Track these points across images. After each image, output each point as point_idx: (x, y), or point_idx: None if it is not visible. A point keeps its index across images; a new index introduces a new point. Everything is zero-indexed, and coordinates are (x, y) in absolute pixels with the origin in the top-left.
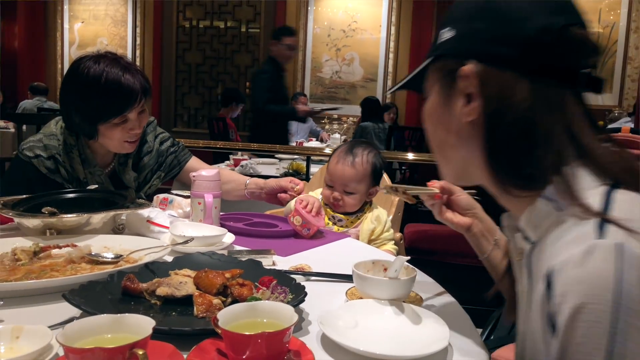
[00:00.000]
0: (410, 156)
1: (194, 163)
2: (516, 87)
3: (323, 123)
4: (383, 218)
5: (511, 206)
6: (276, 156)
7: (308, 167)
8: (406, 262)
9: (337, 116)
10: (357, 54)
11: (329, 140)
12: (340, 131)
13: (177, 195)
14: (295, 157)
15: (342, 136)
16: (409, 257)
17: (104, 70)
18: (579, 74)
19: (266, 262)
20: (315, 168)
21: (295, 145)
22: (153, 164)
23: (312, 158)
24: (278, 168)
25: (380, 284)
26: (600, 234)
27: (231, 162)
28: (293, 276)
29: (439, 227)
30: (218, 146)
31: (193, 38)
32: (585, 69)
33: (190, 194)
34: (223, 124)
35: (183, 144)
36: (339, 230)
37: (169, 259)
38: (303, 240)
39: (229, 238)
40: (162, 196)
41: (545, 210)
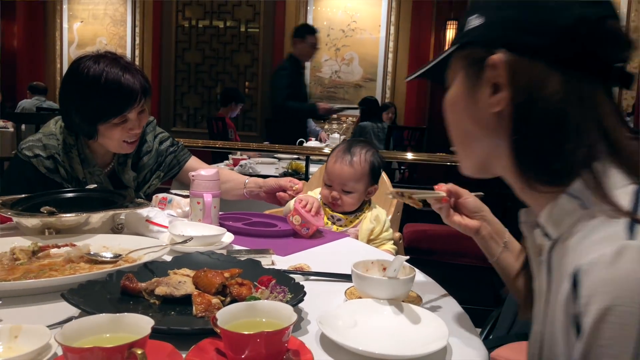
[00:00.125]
0: (409, 156)
1: (193, 163)
2: (548, 79)
3: (322, 123)
4: (382, 218)
5: (531, 201)
6: (275, 156)
7: (307, 167)
8: (405, 262)
9: (337, 116)
10: (357, 54)
11: (328, 140)
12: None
13: (176, 194)
14: (294, 157)
15: (341, 136)
16: (408, 257)
17: (104, 70)
18: (612, 68)
19: (265, 262)
20: (314, 168)
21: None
22: (152, 164)
23: (311, 158)
24: (277, 168)
25: (379, 284)
26: (630, 235)
27: (230, 162)
28: (292, 276)
29: (438, 227)
30: (217, 146)
31: (192, 38)
32: (618, 63)
33: (189, 194)
34: (222, 124)
35: (182, 144)
36: (338, 229)
37: (168, 259)
38: (302, 239)
39: (228, 237)
40: (161, 196)
41: (568, 207)
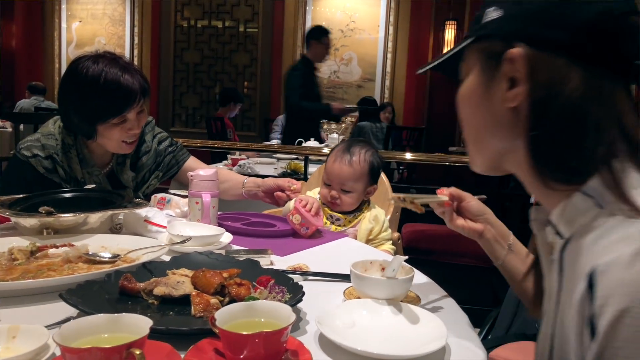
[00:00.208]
0: (408, 156)
1: (192, 163)
2: (568, 75)
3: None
4: (381, 218)
5: (543, 199)
6: (274, 156)
7: (306, 167)
8: (404, 262)
9: None
10: (355, 54)
11: (327, 140)
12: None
13: (175, 194)
14: (293, 157)
15: (340, 136)
16: (407, 257)
17: (103, 70)
18: (633, 65)
19: (264, 262)
20: (313, 168)
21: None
22: (151, 164)
23: (310, 158)
24: (276, 168)
25: (378, 284)
26: None
27: (229, 162)
28: (291, 276)
29: (437, 227)
30: (216, 146)
31: (191, 38)
32: (638, 60)
33: (187, 194)
34: (221, 124)
35: (181, 144)
36: (337, 229)
37: (167, 259)
38: (301, 239)
39: (227, 238)
40: (160, 196)
41: (583, 205)
